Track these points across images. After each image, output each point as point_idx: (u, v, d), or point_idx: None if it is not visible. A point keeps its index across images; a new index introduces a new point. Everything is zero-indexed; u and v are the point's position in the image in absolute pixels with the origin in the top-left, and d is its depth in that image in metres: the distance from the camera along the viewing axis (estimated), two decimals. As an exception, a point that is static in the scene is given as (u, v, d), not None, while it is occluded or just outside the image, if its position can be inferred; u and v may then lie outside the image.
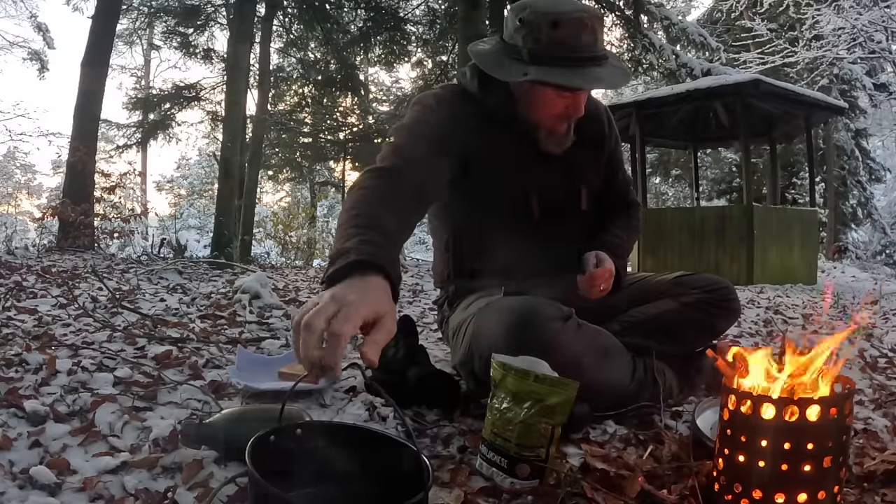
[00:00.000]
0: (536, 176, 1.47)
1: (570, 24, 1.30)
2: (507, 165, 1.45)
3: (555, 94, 1.37)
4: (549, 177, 1.48)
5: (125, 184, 8.80)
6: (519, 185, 1.47)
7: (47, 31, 12.71)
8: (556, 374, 1.08)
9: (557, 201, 1.50)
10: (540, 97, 1.39)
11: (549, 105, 1.39)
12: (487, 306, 1.39)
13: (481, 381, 1.35)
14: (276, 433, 0.87)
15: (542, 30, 1.30)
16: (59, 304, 2.70)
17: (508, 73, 1.35)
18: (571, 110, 1.40)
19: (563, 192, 1.51)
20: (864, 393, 1.69)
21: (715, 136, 8.36)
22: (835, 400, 0.88)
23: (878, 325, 3.22)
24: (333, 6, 10.68)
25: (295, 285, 4.25)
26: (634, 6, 9.35)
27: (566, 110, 1.40)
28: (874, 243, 15.48)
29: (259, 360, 1.71)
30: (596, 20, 1.33)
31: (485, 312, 1.37)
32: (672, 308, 1.56)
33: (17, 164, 26.18)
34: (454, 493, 0.98)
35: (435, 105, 1.43)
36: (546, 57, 1.31)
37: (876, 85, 13.86)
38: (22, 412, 1.21)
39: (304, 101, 11.61)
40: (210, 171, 21.18)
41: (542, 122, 1.43)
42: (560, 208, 1.50)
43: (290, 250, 11.66)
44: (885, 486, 1.04)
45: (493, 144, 1.44)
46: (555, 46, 1.30)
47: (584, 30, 1.31)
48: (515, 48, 1.35)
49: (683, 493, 0.96)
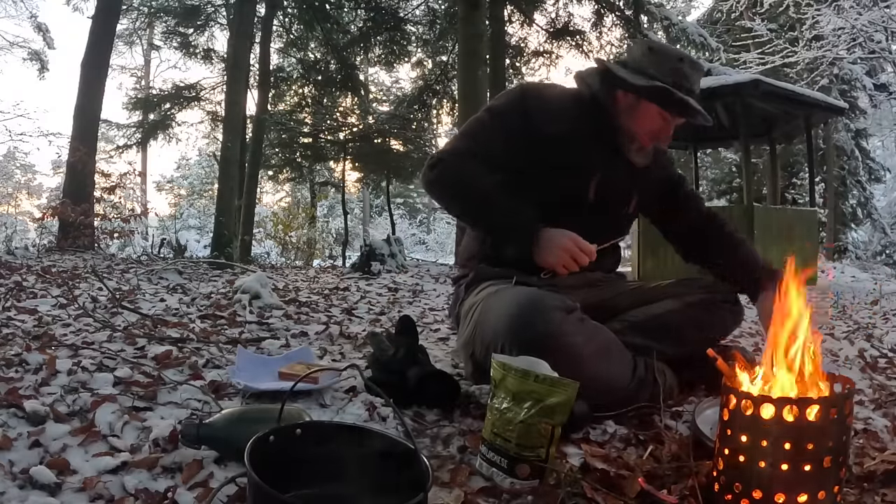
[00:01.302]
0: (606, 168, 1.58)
1: (690, 64, 1.54)
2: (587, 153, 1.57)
3: (658, 114, 1.54)
4: (615, 172, 1.59)
5: (125, 184, 8.81)
6: (587, 168, 1.57)
7: (47, 32, 12.72)
8: (556, 375, 1.08)
9: (613, 192, 1.61)
10: (644, 112, 1.55)
11: (650, 121, 1.55)
12: (496, 293, 1.45)
13: (479, 364, 1.42)
14: (275, 433, 0.87)
15: (670, 61, 1.53)
16: (59, 305, 2.70)
17: (635, 80, 1.52)
18: (664, 132, 1.57)
19: (621, 190, 1.63)
20: (864, 393, 1.69)
21: (715, 136, 8.34)
22: (835, 400, 0.88)
23: (878, 325, 3.22)
24: (333, 6, 10.68)
25: (295, 285, 4.25)
26: (634, 6, 9.35)
27: (660, 131, 1.57)
28: (874, 243, 15.47)
29: (259, 360, 1.71)
30: (702, 72, 1.58)
31: (492, 300, 1.43)
32: (674, 308, 1.56)
33: (17, 164, 26.18)
34: (454, 493, 0.98)
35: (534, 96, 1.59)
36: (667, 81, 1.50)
37: (876, 85, 13.86)
38: (22, 412, 1.21)
39: (304, 101, 11.59)
40: (210, 171, 21.19)
41: (638, 133, 1.57)
42: (613, 199, 1.62)
43: (290, 250, 11.66)
44: (885, 486, 1.04)
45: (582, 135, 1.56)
46: (675, 76, 1.51)
47: (699, 74, 1.56)
48: (640, 69, 1.53)
49: (683, 493, 0.96)
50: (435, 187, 1.57)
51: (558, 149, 1.54)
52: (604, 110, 1.58)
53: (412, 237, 21.42)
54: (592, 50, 10.02)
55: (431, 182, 1.56)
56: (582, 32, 9.99)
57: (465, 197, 1.54)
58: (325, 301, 3.40)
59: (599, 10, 9.69)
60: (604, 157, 1.58)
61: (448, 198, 1.59)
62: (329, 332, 2.37)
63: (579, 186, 1.56)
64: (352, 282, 4.68)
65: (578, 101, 1.61)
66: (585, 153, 1.56)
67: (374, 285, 4.47)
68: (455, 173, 1.53)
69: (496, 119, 1.56)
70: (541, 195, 1.54)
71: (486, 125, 1.57)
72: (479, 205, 1.52)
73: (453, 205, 1.61)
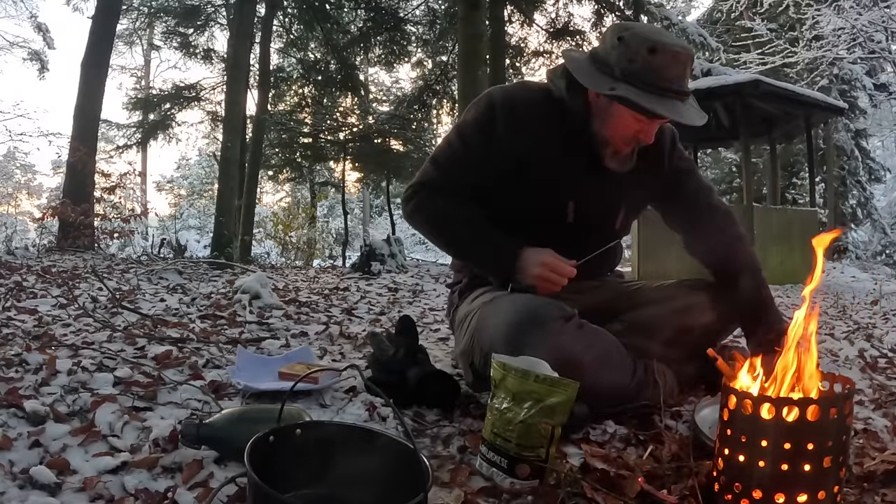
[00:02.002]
0: (584, 185, 1.49)
1: (666, 54, 1.32)
2: (561, 170, 1.47)
3: (632, 117, 1.38)
4: (594, 189, 1.49)
5: (125, 184, 8.80)
6: (564, 189, 1.49)
7: (47, 32, 12.71)
8: (556, 375, 1.08)
9: (595, 213, 1.51)
10: (617, 116, 1.40)
11: (624, 125, 1.40)
12: (492, 301, 1.43)
13: (479, 373, 1.39)
14: (275, 433, 0.87)
15: (639, 53, 1.32)
16: (59, 305, 2.70)
17: (597, 83, 1.37)
18: (643, 136, 1.42)
19: (604, 206, 1.53)
20: (864, 393, 1.69)
21: (715, 136, 8.35)
22: (835, 400, 0.88)
23: (878, 325, 3.22)
24: (333, 6, 10.68)
25: (295, 285, 4.25)
26: (634, 6, 9.35)
27: (637, 135, 1.42)
28: (874, 243, 15.46)
29: (259, 360, 1.71)
30: (689, 58, 1.36)
31: (489, 308, 1.41)
32: (673, 309, 1.56)
33: (17, 164, 26.16)
34: (454, 493, 0.98)
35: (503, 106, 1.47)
36: (636, 79, 1.33)
37: (876, 85, 13.85)
38: (22, 412, 1.21)
39: (304, 101, 11.60)
40: (210, 171, 21.17)
41: (612, 139, 1.44)
42: (595, 220, 1.52)
43: (290, 250, 11.66)
44: (885, 486, 1.04)
45: (554, 148, 1.46)
46: (646, 71, 1.32)
47: (677, 64, 1.33)
48: (607, 63, 1.37)
49: (683, 493, 0.96)
50: (413, 222, 1.57)
51: (530, 167, 1.46)
52: (574, 115, 1.45)
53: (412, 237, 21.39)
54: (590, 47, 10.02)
55: (409, 216, 1.56)
56: (582, 32, 9.99)
57: (442, 232, 1.54)
58: (325, 301, 3.40)
59: (599, 10, 9.70)
60: (580, 171, 1.48)
61: (427, 233, 1.57)
62: (329, 332, 2.37)
63: (556, 209, 1.49)
64: (352, 282, 4.68)
65: (550, 104, 1.48)
66: (560, 171, 1.47)
67: (374, 285, 4.47)
68: (429, 210, 1.51)
69: (465, 144, 1.49)
70: (519, 214, 1.50)
71: (457, 151, 1.50)
72: (457, 240, 1.53)
73: (433, 240, 1.58)
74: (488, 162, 1.47)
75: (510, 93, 1.52)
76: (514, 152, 1.45)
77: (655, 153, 1.56)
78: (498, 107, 1.47)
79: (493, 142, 1.46)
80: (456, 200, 1.49)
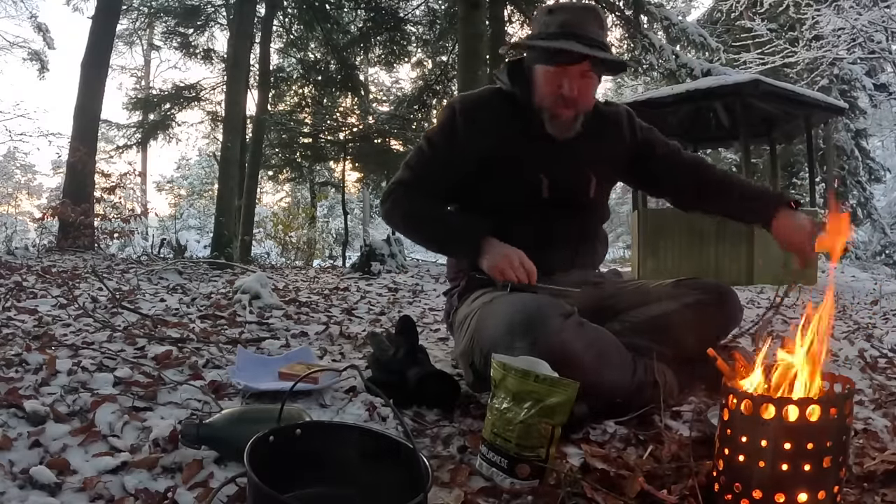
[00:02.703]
0: (547, 159, 1.58)
1: (563, 10, 1.50)
2: (522, 150, 1.58)
3: (544, 72, 1.51)
4: (559, 161, 1.58)
5: (125, 184, 8.81)
6: (531, 166, 1.57)
7: (47, 32, 12.73)
8: (557, 375, 1.08)
9: (566, 184, 1.59)
10: (539, 76, 1.52)
11: (545, 82, 1.51)
12: (492, 301, 1.44)
13: (480, 375, 1.40)
14: (275, 433, 0.87)
15: (541, 18, 1.51)
16: (59, 305, 2.70)
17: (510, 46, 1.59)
18: (566, 90, 1.49)
19: (573, 177, 1.60)
20: (864, 393, 1.69)
21: (715, 136, 8.34)
22: (835, 400, 0.88)
23: (878, 325, 3.22)
24: (333, 6, 10.68)
25: (295, 285, 4.25)
26: (634, 6, 9.34)
27: (559, 90, 1.49)
28: (874, 243, 15.45)
29: (259, 360, 1.71)
30: (591, 12, 1.51)
31: (488, 308, 1.42)
32: (673, 309, 1.56)
33: (18, 164, 26.16)
34: (454, 493, 0.98)
35: (461, 110, 1.61)
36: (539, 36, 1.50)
37: (876, 85, 13.85)
38: (22, 412, 1.21)
39: (304, 101, 11.60)
40: (210, 171, 21.17)
41: (543, 102, 1.53)
42: (569, 191, 1.60)
43: (290, 250, 11.66)
44: (885, 486, 1.04)
45: (511, 135, 1.58)
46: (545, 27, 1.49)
47: (576, 16, 1.48)
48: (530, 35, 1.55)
49: (683, 493, 0.96)
50: (389, 220, 1.67)
51: (495, 158, 1.57)
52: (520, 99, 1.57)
53: (412, 237, 21.35)
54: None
55: (385, 214, 1.67)
56: (582, 33, 9.97)
57: (415, 229, 1.64)
58: (325, 301, 3.40)
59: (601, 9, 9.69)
60: (542, 151, 1.58)
61: (403, 231, 1.68)
62: (329, 333, 2.37)
63: (528, 187, 1.58)
64: (352, 282, 4.68)
65: (501, 98, 1.62)
66: (519, 150, 1.58)
67: (374, 285, 4.47)
68: (402, 209, 1.62)
69: (432, 149, 1.62)
70: (502, 200, 1.59)
71: (426, 155, 1.63)
72: (428, 232, 1.63)
73: (409, 236, 1.71)
74: (453, 162, 1.60)
75: (468, 97, 1.66)
76: (477, 149, 1.57)
77: (615, 123, 1.69)
78: (457, 112, 1.61)
79: (456, 144, 1.59)
80: (427, 198, 1.61)
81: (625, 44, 9.68)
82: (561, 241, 1.61)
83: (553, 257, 1.58)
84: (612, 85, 21.70)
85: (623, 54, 9.70)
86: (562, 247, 1.61)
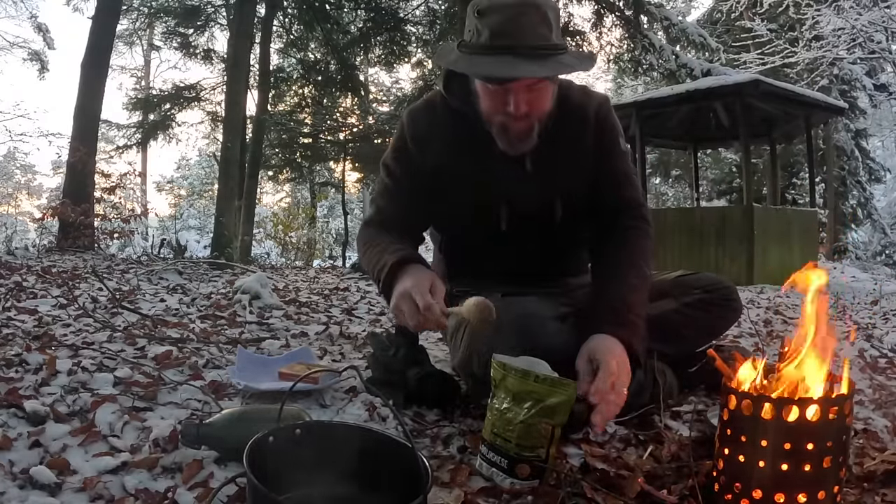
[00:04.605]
0: (504, 184, 1.40)
1: (497, 11, 1.19)
2: (473, 171, 1.40)
3: (483, 88, 1.28)
4: (518, 185, 1.39)
5: (125, 184, 8.79)
6: (483, 192, 1.41)
7: (47, 32, 12.72)
8: (556, 375, 1.08)
9: (527, 211, 1.42)
10: (480, 91, 1.30)
11: (487, 98, 1.29)
12: None
13: (481, 382, 1.35)
14: (275, 434, 0.87)
15: (471, 20, 1.23)
16: (60, 305, 2.70)
17: (440, 59, 1.32)
18: (512, 107, 1.25)
19: (535, 202, 1.42)
20: (864, 393, 1.69)
21: (715, 136, 8.35)
22: (835, 400, 0.88)
23: (878, 326, 3.22)
24: (333, 6, 10.68)
25: (295, 286, 4.25)
26: (634, 6, 9.35)
27: (503, 107, 1.26)
28: (874, 243, 15.46)
29: (259, 361, 1.71)
30: (528, 7, 1.19)
31: None
32: (672, 308, 1.55)
33: (18, 164, 26.15)
34: (454, 493, 0.98)
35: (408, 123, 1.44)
36: (472, 47, 1.24)
37: (876, 85, 13.85)
38: (22, 412, 1.21)
39: (304, 101, 11.61)
40: (210, 171, 21.17)
41: (488, 119, 1.32)
42: (530, 218, 1.43)
43: (291, 251, 11.67)
44: (885, 486, 1.04)
45: (462, 153, 1.39)
46: (479, 35, 1.22)
47: (509, 18, 1.19)
48: (462, 41, 1.28)
49: (683, 493, 0.96)
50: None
51: (450, 179, 1.40)
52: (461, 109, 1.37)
53: (412, 237, 21.35)
54: (593, 50, 10.02)
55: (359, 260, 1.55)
56: (582, 33, 9.98)
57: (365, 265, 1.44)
58: (325, 301, 3.40)
59: (599, 11, 9.69)
60: (495, 173, 1.38)
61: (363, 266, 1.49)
62: (329, 333, 2.37)
63: (489, 223, 1.43)
64: (352, 282, 4.68)
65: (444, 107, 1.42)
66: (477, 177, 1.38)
67: (373, 285, 4.47)
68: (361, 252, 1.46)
69: (391, 177, 1.46)
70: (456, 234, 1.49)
71: (386, 186, 1.47)
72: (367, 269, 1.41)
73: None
74: (414, 188, 1.43)
75: (414, 107, 1.47)
76: (427, 164, 1.40)
77: (574, 125, 1.40)
78: (405, 126, 1.44)
79: (411, 164, 1.42)
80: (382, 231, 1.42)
81: (625, 44, 9.68)
82: (535, 265, 1.49)
83: (530, 280, 1.49)
84: (612, 85, 21.69)
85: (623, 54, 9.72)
86: (537, 270, 1.50)
